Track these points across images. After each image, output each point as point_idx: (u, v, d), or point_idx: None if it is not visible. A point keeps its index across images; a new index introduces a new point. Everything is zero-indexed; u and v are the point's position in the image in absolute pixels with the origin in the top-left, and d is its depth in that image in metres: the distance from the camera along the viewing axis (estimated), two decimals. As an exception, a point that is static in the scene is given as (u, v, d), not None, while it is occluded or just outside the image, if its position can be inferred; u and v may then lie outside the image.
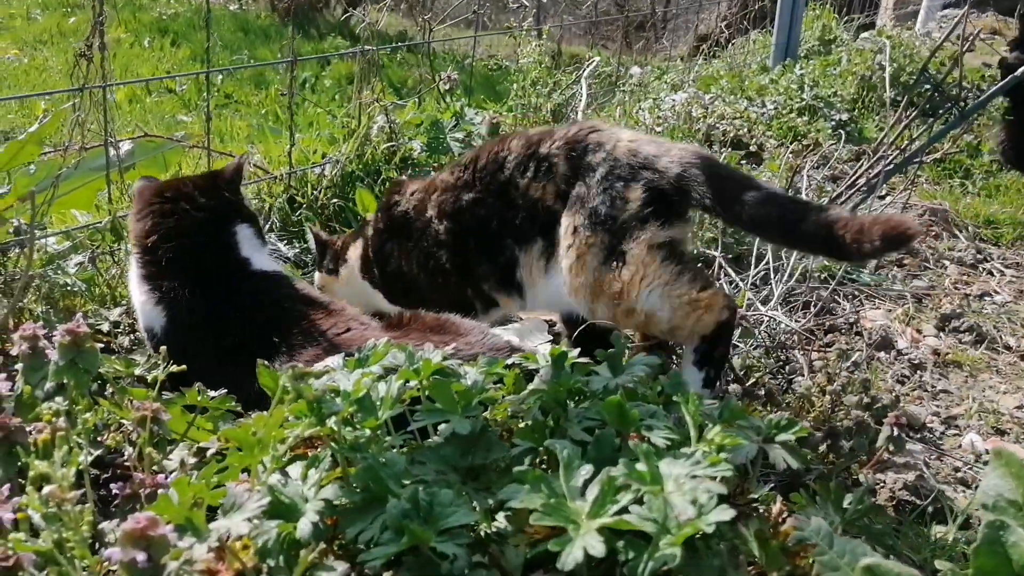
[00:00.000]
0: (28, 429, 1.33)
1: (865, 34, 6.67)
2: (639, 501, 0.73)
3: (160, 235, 1.80)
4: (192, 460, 1.67)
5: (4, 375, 1.43)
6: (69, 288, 2.17)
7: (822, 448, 1.62)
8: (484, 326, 1.75)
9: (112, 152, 2.34)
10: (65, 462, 1.05)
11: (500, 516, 0.86)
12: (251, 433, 0.93)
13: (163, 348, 1.51)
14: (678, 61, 6.54)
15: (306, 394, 0.88)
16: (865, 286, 2.79)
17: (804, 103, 4.26)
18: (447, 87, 3.11)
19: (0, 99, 4.20)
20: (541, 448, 0.92)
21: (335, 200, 2.74)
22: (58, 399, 1.48)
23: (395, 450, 0.83)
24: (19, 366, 1.60)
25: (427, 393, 1.01)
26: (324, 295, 1.87)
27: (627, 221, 1.67)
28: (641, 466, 0.74)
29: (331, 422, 0.89)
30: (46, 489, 0.92)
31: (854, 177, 2.95)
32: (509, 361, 1.17)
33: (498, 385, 1.13)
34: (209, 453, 1.14)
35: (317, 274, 2.27)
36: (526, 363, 1.14)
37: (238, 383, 1.63)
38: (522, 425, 0.98)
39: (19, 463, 1.31)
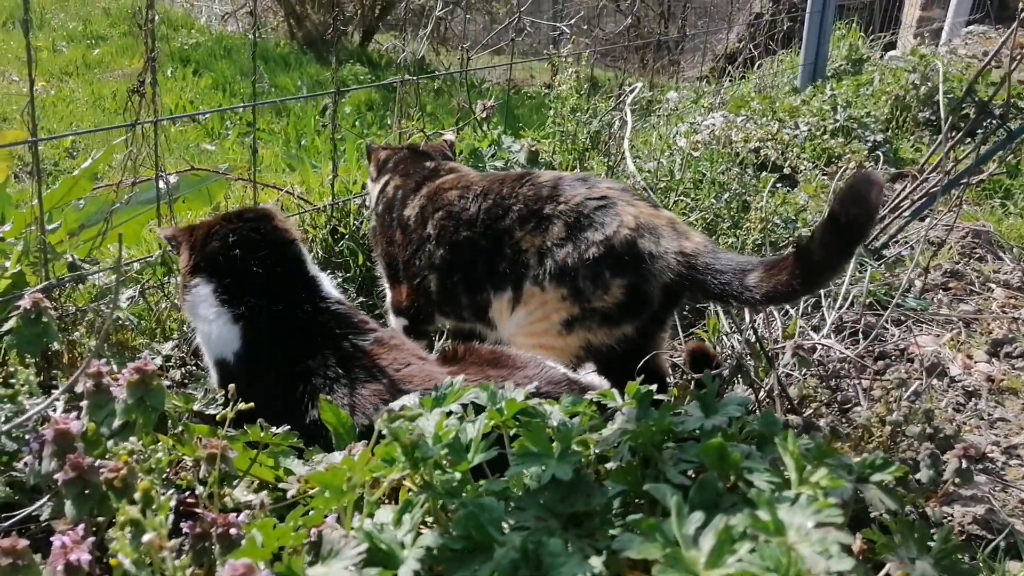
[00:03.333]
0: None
1: (893, 52, 6.65)
2: (751, 549, 0.72)
3: (233, 246, 1.78)
4: (255, 498, 1.69)
5: (73, 414, 1.44)
6: (121, 323, 2.19)
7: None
8: (539, 358, 1.75)
9: (161, 185, 2.37)
10: (154, 505, 1.05)
11: (595, 560, 0.84)
12: (343, 477, 0.92)
13: (231, 387, 1.51)
14: (697, 82, 6.55)
15: (402, 438, 0.87)
16: (911, 311, 2.76)
17: (837, 124, 4.25)
18: (484, 115, 3.13)
19: (54, 137, 4.27)
20: (631, 492, 0.91)
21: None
22: (128, 437, 1.49)
23: (491, 496, 0.83)
24: (84, 403, 1.61)
25: (513, 431, 1.00)
26: (382, 328, 1.85)
27: (597, 310, 1.80)
28: (763, 514, 0.73)
29: (423, 466, 0.89)
30: (146, 537, 0.92)
31: (897, 200, 2.92)
32: (586, 398, 1.16)
33: (573, 419, 1.12)
34: (289, 495, 1.13)
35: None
36: (604, 400, 1.13)
37: (299, 412, 1.64)
38: (610, 465, 0.97)
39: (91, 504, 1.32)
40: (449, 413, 1.05)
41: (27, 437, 1.53)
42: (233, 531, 1.26)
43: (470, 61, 3.31)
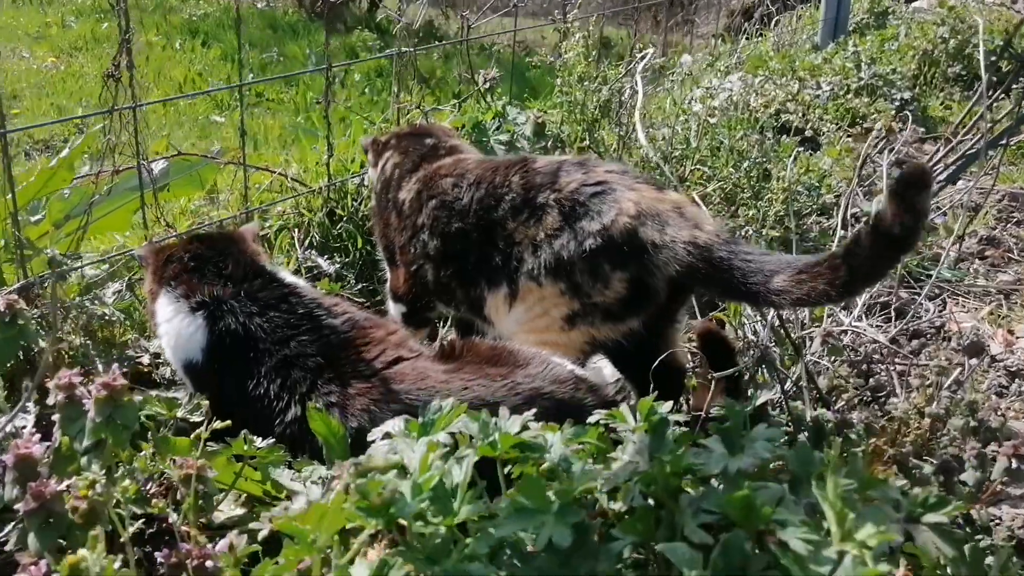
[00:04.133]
0: (67, 485, 1.22)
1: (917, 3, 6.35)
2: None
3: (185, 245, 1.73)
4: (241, 512, 1.58)
5: (39, 434, 1.33)
6: (108, 318, 2.08)
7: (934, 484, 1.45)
8: (545, 354, 1.62)
9: (145, 174, 2.24)
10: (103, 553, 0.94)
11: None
12: (310, 527, 0.80)
13: (205, 403, 1.40)
14: (712, 39, 6.30)
15: (372, 497, 0.75)
16: (945, 282, 2.59)
17: (862, 83, 4.03)
18: (487, 86, 2.96)
19: (36, 126, 4.20)
20: (643, 542, 0.78)
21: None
22: (95, 461, 1.38)
23: (477, 561, 0.70)
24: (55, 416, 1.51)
25: (508, 469, 0.87)
26: (368, 315, 1.72)
27: (599, 305, 1.68)
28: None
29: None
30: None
31: (930, 165, 2.74)
32: (592, 420, 1.03)
33: (579, 446, 0.99)
34: (260, 535, 1.02)
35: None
36: (613, 422, 0.99)
37: (277, 411, 1.52)
38: (619, 506, 0.84)
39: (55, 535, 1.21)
40: (447, 451, 0.92)
41: (-6, 456, 1.42)
42: (209, 564, 1.15)
43: (475, 27, 3.13)
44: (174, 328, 1.66)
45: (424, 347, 1.70)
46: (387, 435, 1.00)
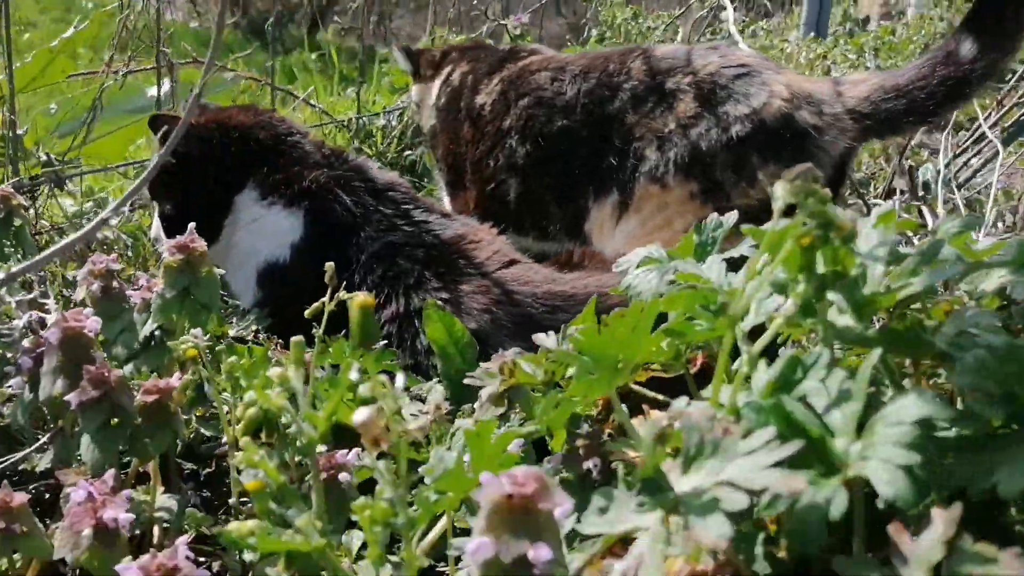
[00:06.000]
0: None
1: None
2: None
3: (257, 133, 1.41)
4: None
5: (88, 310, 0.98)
6: (108, 245, 1.72)
7: None
8: None
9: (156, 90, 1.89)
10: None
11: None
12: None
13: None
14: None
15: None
16: None
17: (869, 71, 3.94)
18: (517, 31, 2.74)
19: None
20: None
21: (408, 153, 2.32)
22: (159, 358, 1.04)
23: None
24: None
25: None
26: (466, 218, 1.46)
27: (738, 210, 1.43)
28: None
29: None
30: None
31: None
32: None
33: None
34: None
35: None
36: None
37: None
38: None
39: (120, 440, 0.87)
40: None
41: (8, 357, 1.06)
42: (343, 477, 0.84)
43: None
44: (257, 229, 1.36)
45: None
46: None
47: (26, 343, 0.97)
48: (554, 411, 0.58)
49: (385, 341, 1.15)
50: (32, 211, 1.58)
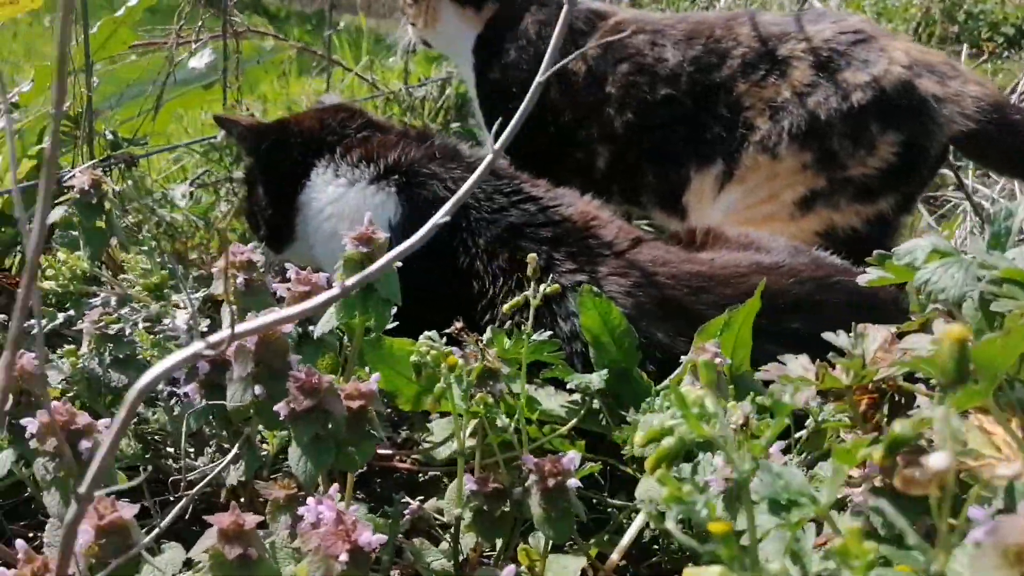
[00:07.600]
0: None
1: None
2: None
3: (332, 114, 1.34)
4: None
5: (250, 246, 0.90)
6: (178, 228, 1.61)
7: None
8: (784, 241, 1.33)
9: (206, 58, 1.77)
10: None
11: None
12: None
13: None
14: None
15: None
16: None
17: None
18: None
19: None
20: None
21: (455, 124, 2.24)
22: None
23: None
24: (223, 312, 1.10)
25: None
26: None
27: (853, 180, 1.42)
28: None
29: None
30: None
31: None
32: None
33: None
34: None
35: None
36: None
37: (494, 295, 1.14)
38: None
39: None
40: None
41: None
42: (571, 483, 0.80)
43: None
44: (342, 207, 1.26)
45: None
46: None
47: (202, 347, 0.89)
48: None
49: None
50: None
